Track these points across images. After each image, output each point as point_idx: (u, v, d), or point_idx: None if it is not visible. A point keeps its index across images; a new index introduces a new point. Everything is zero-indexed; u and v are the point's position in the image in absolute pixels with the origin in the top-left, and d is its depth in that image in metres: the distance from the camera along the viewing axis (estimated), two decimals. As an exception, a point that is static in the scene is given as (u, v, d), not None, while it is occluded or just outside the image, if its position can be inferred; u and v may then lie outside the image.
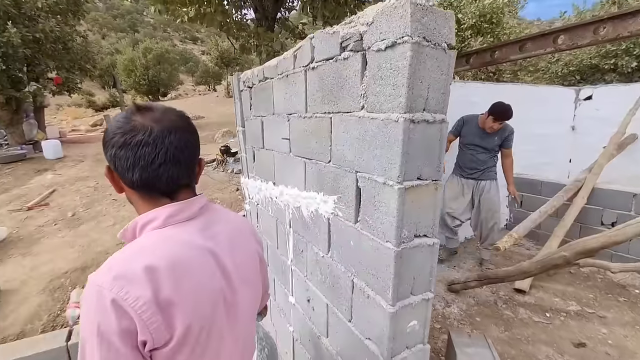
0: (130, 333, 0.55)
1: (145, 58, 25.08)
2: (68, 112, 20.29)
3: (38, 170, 6.28)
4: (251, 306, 0.82)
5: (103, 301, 0.54)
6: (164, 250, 0.61)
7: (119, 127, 0.63)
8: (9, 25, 6.36)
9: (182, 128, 0.67)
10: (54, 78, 7.87)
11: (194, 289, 0.62)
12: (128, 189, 0.67)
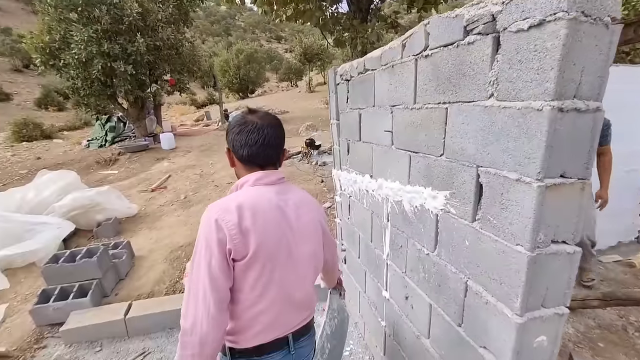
0: (222, 243, 0.86)
1: (237, 59, 27.53)
2: (176, 109, 23.54)
3: (157, 158, 7.46)
4: (309, 262, 1.04)
5: (210, 220, 0.87)
6: (249, 198, 0.93)
7: (237, 121, 1.00)
8: (138, 36, 7.62)
9: (275, 125, 1.01)
10: (168, 80, 9.19)
11: (264, 226, 0.91)
12: (237, 161, 1.02)
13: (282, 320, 0.99)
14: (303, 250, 1.01)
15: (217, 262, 0.85)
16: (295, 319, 1.03)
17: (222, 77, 25.73)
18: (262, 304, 0.94)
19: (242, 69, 27.52)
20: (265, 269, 0.91)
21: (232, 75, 27.06)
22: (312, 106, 15.76)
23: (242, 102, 22.44)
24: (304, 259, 1.01)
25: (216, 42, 56.70)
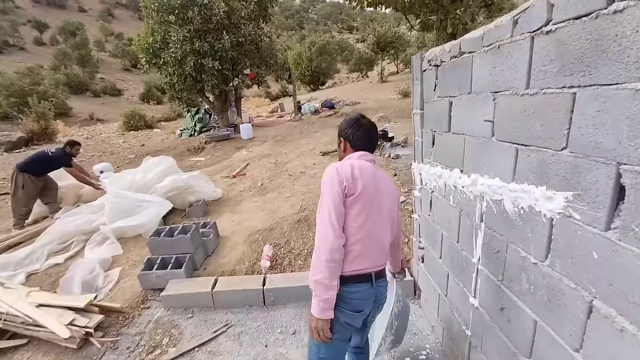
0: (341, 183, 1.30)
1: (310, 51, 28.06)
2: (252, 101, 25.09)
3: (237, 147, 8.06)
4: (388, 218, 1.44)
5: (333, 169, 1.34)
6: (357, 162, 1.38)
7: (354, 120, 1.53)
8: (224, 34, 8.24)
9: (374, 125, 1.54)
10: (249, 74, 9.79)
11: (366, 179, 1.33)
12: (350, 148, 1.51)
13: (369, 254, 1.34)
14: (386, 206, 1.41)
15: (337, 194, 1.29)
16: (377, 259, 1.38)
17: (295, 70, 26.52)
18: (360, 233, 1.31)
19: (314, 61, 27.99)
20: (365, 207, 1.32)
21: (304, 68, 27.73)
22: (384, 97, 15.30)
23: (314, 94, 22.88)
24: (386, 214, 1.41)
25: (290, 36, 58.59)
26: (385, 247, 1.43)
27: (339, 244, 1.25)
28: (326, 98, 15.44)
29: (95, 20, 54.66)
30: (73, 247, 3.71)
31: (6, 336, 2.38)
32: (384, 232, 1.41)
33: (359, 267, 1.32)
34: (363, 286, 1.33)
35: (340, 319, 1.32)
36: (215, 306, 2.71)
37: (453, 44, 1.65)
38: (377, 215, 1.36)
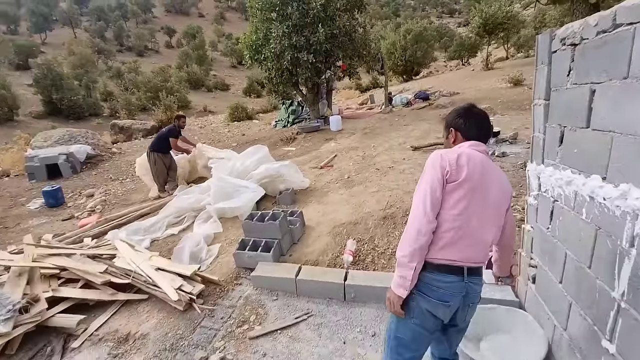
0: (443, 167, 1.28)
1: (405, 39, 26.75)
2: (342, 93, 25.28)
3: (326, 139, 8.23)
4: (494, 214, 1.36)
5: (437, 155, 1.33)
6: (466, 150, 1.35)
7: (465, 109, 1.49)
8: (319, 27, 8.41)
9: (487, 115, 1.50)
10: (341, 65, 9.83)
11: (473, 168, 1.28)
12: (460, 138, 1.46)
13: (463, 246, 1.28)
14: (492, 200, 1.33)
15: (437, 179, 1.27)
16: (473, 254, 1.30)
17: (388, 60, 25.66)
18: (457, 222, 1.26)
19: (408, 49, 26.61)
20: (466, 197, 1.27)
21: (397, 57, 26.61)
22: (489, 85, 13.63)
23: (406, 85, 21.86)
24: (492, 208, 1.33)
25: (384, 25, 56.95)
26: (485, 243, 1.35)
27: (428, 228, 1.25)
28: (420, 89, 14.55)
29: (210, 24, 62.32)
30: (185, 222, 4.31)
31: (133, 290, 2.89)
32: (486, 227, 1.33)
33: (450, 257, 1.28)
34: (452, 277, 1.28)
35: (421, 305, 1.30)
36: (298, 293, 2.79)
37: (602, 14, 1.29)
38: (479, 208, 1.29)
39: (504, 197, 1.38)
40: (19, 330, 2.28)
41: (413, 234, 1.25)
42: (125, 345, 2.40)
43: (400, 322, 1.36)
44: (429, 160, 1.34)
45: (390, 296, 1.31)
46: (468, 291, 1.30)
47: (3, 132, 17.02)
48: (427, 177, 1.30)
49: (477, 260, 1.32)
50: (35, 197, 6.91)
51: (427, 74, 31.04)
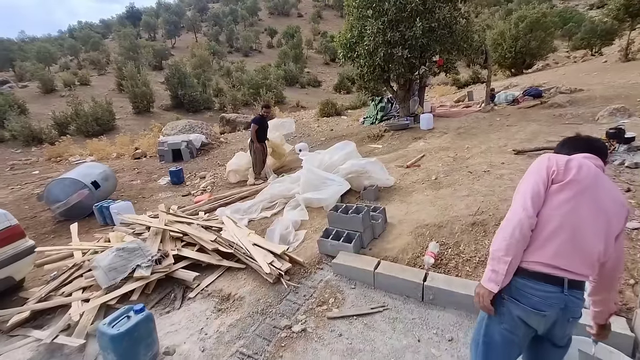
0: (550, 168, 1.25)
1: (517, 28, 23.69)
2: (437, 90, 23.84)
3: (415, 137, 7.99)
4: (604, 224, 1.21)
5: (545, 156, 1.29)
6: (579, 158, 1.28)
7: (571, 138, 1.44)
8: (416, 21, 8.14)
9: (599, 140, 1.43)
10: (437, 61, 9.34)
11: (582, 174, 1.22)
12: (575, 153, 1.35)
13: (565, 251, 1.18)
14: (604, 209, 1.20)
15: (541, 178, 1.24)
16: (576, 264, 1.19)
17: (494, 52, 23.14)
18: (560, 221, 1.18)
19: (520, 39, 23.51)
20: (573, 199, 1.20)
21: (505, 49, 23.78)
22: (626, 81, 11.19)
23: (514, 80, 19.45)
24: (602, 219, 1.20)
25: (492, 13, 51.21)
26: (591, 254, 1.21)
27: (528, 223, 1.20)
28: (531, 84, 12.81)
29: (308, 23, 65.30)
30: (277, 207, 4.78)
31: (234, 259, 3.38)
32: (594, 237, 1.20)
33: (549, 261, 1.19)
34: (550, 287, 1.20)
35: (513, 311, 1.25)
36: (375, 286, 2.89)
37: None
38: (588, 213, 1.20)
39: (617, 211, 1.24)
40: (155, 276, 2.93)
41: (509, 227, 1.21)
42: (226, 302, 2.86)
43: (490, 327, 1.31)
44: (535, 162, 1.31)
45: (480, 291, 1.28)
46: (568, 304, 1.20)
47: (143, 121, 21.10)
48: (529, 177, 1.27)
49: (581, 272, 1.21)
50: (163, 175, 8.48)
51: (543, 67, 27.00)
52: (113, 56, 37.88)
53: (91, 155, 13.63)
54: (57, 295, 3.04)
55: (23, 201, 7.36)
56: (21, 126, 16.11)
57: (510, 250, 1.20)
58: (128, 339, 2.02)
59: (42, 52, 34.45)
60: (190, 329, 2.57)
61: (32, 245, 3.23)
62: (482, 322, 1.35)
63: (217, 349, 2.34)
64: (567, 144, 1.40)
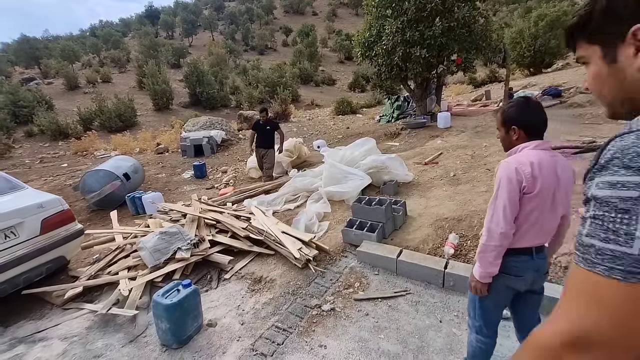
0: (520, 182, 1.39)
1: (536, 27, 23.26)
2: (452, 88, 23.67)
3: (432, 136, 8.09)
4: (562, 205, 1.52)
5: (511, 167, 1.41)
6: (536, 157, 1.41)
7: (523, 104, 1.52)
8: (436, 20, 8.22)
9: (543, 110, 1.53)
10: (455, 60, 9.39)
11: (545, 177, 1.40)
12: (523, 134, 1.48)
13: (533, 237, 1.52)
14: (560, 200, 1.48)
15: (515, 192, 1.41)
16: (539, 239, 1.55)
17: (512, 51, 22.81)
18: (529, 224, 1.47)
19: (539, 38, 23.10)
20: (539, 206, 1.44)
21: (524, 48, 23.39)
22: (649, 81, 10.96)
23: (532, 79, 19.18)
24: (559, 207, 1.51)
25: (510, 11, 50.20)
26: (552, 230, 1.59)
27: (509, 234, 1.47)
28: (551, 84, 12.67)
29: (323, 21, 65.41)
30: (300, 200, 5.00)
31: (263, 246, 3.61)
32: (554, 222, 1.56)
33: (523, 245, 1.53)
34: (525, 257, 1.55)
35: (501, 283, 1.59)
36: (398, 272, 3.07)
37: None
38: (549, 211, 1.49)
39: (569, 177, 1.51)
40: (193, 259, 3.19)
41: (496, 240, 1.46)
42: (259, 284, 3.09)
43: (483, 300, 1.68)
44: (503, 173, 1.43)
45: (477, 285, 1.60)
46: (538, 265, 1.58)
47: (163, 118, 21.72)
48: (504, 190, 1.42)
49: (542, 241, 1.59)
50: (187, 170, 8.83)
51: (563, 66, 26.42)
52: (133, 54, 38.95)
53: (115, 149, 14.17)
54: (104, 274, 3.34)
55: (57, 191, 7.81)
56: (49, 121, 16.83)
57: (498, 257, 1.51)
58: (179, 309, 2.27)
59: (66, 50, 35.73)
60: (228, 306, 2.81)
61: (80, 229, 3.54)
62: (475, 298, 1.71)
63: (254, 323, 2.57)
64: (527, 112, 1.49)
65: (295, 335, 2.39)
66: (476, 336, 1.78)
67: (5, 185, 3.44)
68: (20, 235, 3.04)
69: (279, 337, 2.38)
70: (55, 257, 3.29)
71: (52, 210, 3.29)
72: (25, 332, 2.76)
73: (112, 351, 2.42)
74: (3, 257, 2.90)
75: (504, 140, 1.58)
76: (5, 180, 3.51)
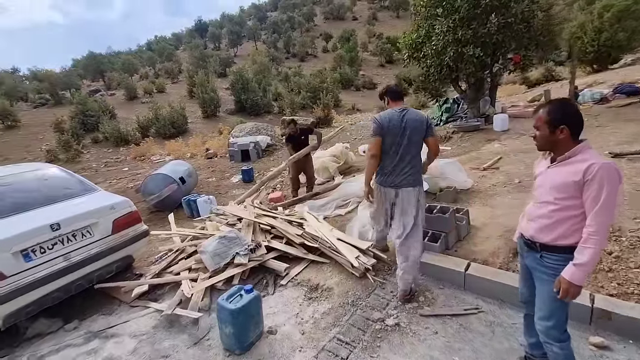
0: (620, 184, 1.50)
1: (600, 19, 21.14)
2: (503, 89, 22.20)
3: (488, 139, 7.57)
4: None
5: (614, 168, 1.46)
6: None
7: (571, 106, 1.61)
8: (491, 17, 7.72)
9: None
10: (513, 58, 8.75)
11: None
12: (568, 134, 1.55)
13: None
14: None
15: None
16: None
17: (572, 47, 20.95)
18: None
19: (605, 31, 20.95)
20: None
21: (586, 43, 21.35)
22: None
23: (597, 76, 17.42)
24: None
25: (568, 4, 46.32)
26: None
27: None
28: (622, 81, 11.37)
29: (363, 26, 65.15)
30: (351, 205, 4.88)
31: (316, 252, 3.54)
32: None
33: None
34: None
35: None
36: (465, 287, 2.82)
37: None
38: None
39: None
40: (251, 264, 3.20)
41: (604, 243, 1.50)
42: (315, 292, 3.01)
43: None
44: (611, 175, 1.44)
45: (576, 291, 1.51)
46: None
47: (211, 124, 22.85)
48: (614, 194, 1.44)
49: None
50: (235, 174, 9.12)
51: (634, 60, 23.73)
52: (184, 65, 41.64)
53: (169, 154, 15.12)
54: (165, 273, 3.46)
55: (121, 193, 8.43)
56: (112, 129, 18.43)
57: None
58: (243, 314, 2.25)
59: (126, 64, 39.17)
60: (286, 313, 2.76)
61: (146, 229, 3.73)
62: (565, 306, 1.67)
63: (315, 333, 2.48)
64: (571, 123, 1.55)
65: (360, 350, 2.26)
66: (567, 344, 1.70)
67: (82, 187, 3.72)
68: (94, 235, 3.25)
69: (342, 351, 2.27)
70: (124, 256, 3.48)
71: (122, 212, 3.49)
72: (99, 327, 2.93)
73: (179, 352, 2.46)
74: (80, 254, 3.11)
75: (546, 139, 1.60)
76: (81, 183, 3.81)
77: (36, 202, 3.17)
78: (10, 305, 2.66)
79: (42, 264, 2.87)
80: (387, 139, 2.59)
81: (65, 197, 3.44)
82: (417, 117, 2.62)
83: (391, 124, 2.57)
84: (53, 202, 3.28)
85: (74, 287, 3.08)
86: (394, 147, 2.61)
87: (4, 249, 2.68)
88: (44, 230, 2.90)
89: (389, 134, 2.57)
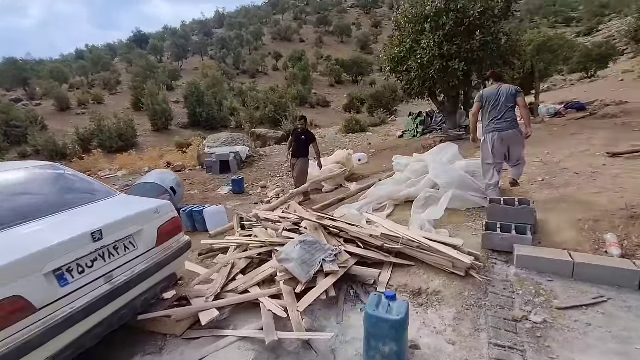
0: None
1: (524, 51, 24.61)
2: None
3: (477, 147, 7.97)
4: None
5: None
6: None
7: None
8: (476, 34, 8.36)
9: None
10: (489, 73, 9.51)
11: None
12: None
13: None
14: None
15: None
16: None
17: (505, 73, 23.85)
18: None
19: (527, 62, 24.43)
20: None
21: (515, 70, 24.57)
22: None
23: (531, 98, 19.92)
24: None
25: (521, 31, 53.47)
26: None
27: None
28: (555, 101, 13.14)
29: (311, 48, 67.30)
30: (387, 208, 4.63)
31: (393, 254, 3.19)
32: None
33: None
34: None
35: None
36: (575, 277, 2.72)
37: None
38: None
39: None
40: (341, 272, 2.73)
41: None
42: (420, 297, 2.67)
43: None
44: None
45: None
46: None
47: (163, 138, 21.04)
48: None
49: None
50: (222, 185, 8.30)
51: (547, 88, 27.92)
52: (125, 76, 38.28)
53: (120, 169, 13.43)
54: (225, 292, 2.81)
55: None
56: (45, 141, 15.90)
57: None
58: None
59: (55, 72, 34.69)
60: (411, 324, 2.36)
61: (189, 241, 3.01)
62: None
63: (464, 342, 2.13)
64: None
65: (534, 353, 1.98)
66: None
67: (103, 188, 2.93)
68: (139, 247, 2.52)
69: (514, 357, 1.96)
70: (169, 274, 2.75)
71: (165, 217, 2.78)
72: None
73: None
74: (124, 273, 2.36)
75: None
76: (100, 184, 3.00)
77: (64, 204, 2.37)
78: (42, 352, 1.84)
79: (80, 289, 2.09)
80: (485, 105, 4.09)
81: (91, 199, 2.64)
82: (508, 89, 4.00)
83: (489, 94, 4.09)
84: (81, 204, 2.48)
85: (116, 320, 2.30)
86: (490, 107, 4.04)
87: (34, 268, 1.88)
88: (84, 241, 2.13)
89: (487, 101, 4.05)
